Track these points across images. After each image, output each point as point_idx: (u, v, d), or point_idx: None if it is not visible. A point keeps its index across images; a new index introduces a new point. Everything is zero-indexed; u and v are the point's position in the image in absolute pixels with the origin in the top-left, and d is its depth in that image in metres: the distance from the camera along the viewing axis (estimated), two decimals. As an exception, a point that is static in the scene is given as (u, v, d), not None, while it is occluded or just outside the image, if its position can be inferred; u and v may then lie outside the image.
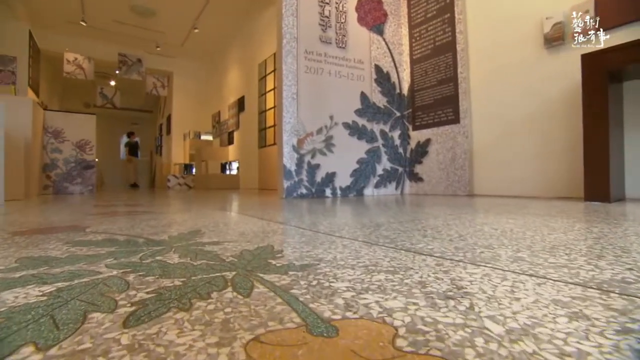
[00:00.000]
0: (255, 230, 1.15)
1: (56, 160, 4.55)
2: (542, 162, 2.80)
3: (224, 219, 1.47)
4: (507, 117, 3.06)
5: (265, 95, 6.75)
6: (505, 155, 3.08)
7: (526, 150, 2.91)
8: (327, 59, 3.50)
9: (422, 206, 2.10)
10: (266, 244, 0.88)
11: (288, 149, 3.14)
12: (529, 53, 2.87)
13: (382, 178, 3.76)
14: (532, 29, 2.85)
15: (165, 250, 0.80)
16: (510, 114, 3.03)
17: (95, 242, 0.92)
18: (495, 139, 3.16)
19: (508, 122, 3.05)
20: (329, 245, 0.87)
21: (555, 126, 2.71)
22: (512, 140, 3.02)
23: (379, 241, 0.93)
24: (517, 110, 2.97)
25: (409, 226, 1.22)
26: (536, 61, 2.82)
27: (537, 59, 2.81)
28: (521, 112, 2.94)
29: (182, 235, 1.04)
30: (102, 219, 1.51)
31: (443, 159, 3.58)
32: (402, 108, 3.98)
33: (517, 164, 2.98)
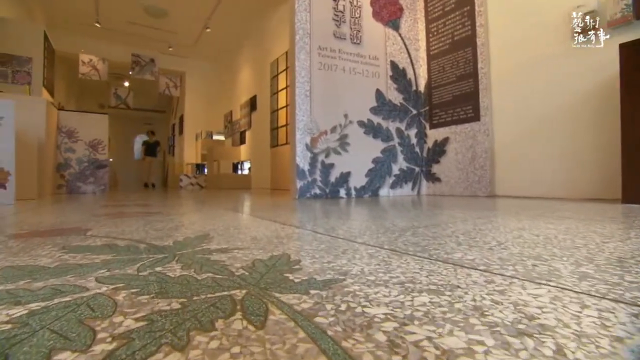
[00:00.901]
0: (268, 235, 1.05)
1: (69, 160, 4.56)
2: (569, 161, 2.63)
3: (235, 222, 1.38)
4: (530, 114, 2.90)
5: (277, 94, 6.67)
6: (528, 155, 2.92)
7: (551, 149, 2.75)
8: (342, 55, 3.39)
9: (444, 208, 1.97)
10: (281, 252, 0.78)
11: (301, 148, 3.04)
12: (556, 46, 2.70)
13: (398, 178, 3.63)
14: (560, 19, 2.68)
15: (167, 260, 0.71)
16: (535, 111, 2.87)
17: (93, 248, 0.83)
18: (517, 138, 3.00)
19: (532, 119, 2.89)
20: (352, 254, 0.77)
21: (584, 123, 2.54)
22: (536, 139, 2.86)
23: (409, 249, 0.82)
24: (542, 107, 2.81)
25: (437, 231, 1.10)
26: (563, 54, 2.65)
27: (564, 51, 2.64)
28: (546, 109, 2.78)
29: (188, 240, 0.95)
30: (107, 220, 1.43)
31: (462, 158, 3.43)
32: (419, 105, 3.84)
33: (542, 164, 2.81)
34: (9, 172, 2.65)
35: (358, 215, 1.64)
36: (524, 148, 2.95)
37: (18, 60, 5.23)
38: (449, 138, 3.57)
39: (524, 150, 2.95)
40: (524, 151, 2.95)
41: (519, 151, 2.98)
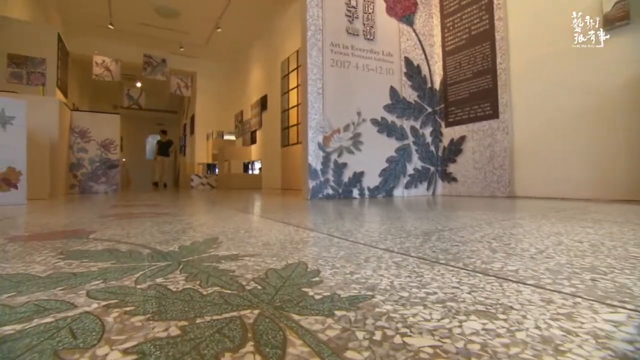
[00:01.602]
0: (282, 239, 0.97)
1: (82, 159, 4.57)
2: (596, 160, 2.49)
3: (246, 224, 1.31)
4: (553, 111, 2.76)
5: (288, 93, 6.61)
6: (551, 153, 2.78)
7: (577, 148, 2.61)
8: (354, 52, 3.30)
9: (464, 209, 1.86)
10: (297, 261, 0.70)
11: (313, 147, 2.96)
12: (582, 38, 2.56)
13: (413, 178, 3.52)
14: (587, 9, 2.54)
15: (170, 268, 0.63)
16: (558, 108, 2.73)
17: (92, 254, 0.77)
18: (539, 136, 2.86)
19: (555, 116, 2.75)
20: (376, 263, 0.68)
21: (613, 120, 2.39)
22: (559, 137, 2.72)
23: (439, 257, 0.73)
24: (567, 103, 2.67)
25: (465, 235, 1.01)
26: (590, 46, 2.51)
27: (591, 43, 2.50)
28: (571, 105, 2.64)
29: (195, 245, 0.87)
30: (113, 222, 1.38)
31: (480, 157, 3.30)
32: (434, 103, 3.72)
33: (566, 163, 2.67)
34: (21, 172, 2.64)
35: (375, 216, 1.55)
36: (547, 146, 2.81)
37: (33, 62, 5.28)
38: (466, 136, 3.45)
39: (547, 149, 2.81)
40: (547, 150, 2.81)
41: (541, 150, 2.84)
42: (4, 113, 2.58)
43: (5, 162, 2.58)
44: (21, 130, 2.66)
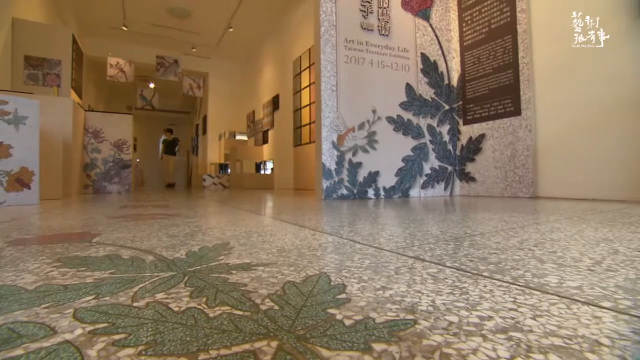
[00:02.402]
0: (298, 244, 0.88)
1: (95, 160, 4.59)
2: (629, 159, 2.34)
3: (258, 227, 1.23)
4: (582, 106, 2.61)
5: (300, 92, 6.54)
6: (579, 152, 2.63)
7: (609, 146, 2.45)
8: (369, 48, 3.20)
9: (489, 211, 1.75)
10: (317, 272, 0.62)
11: (327, 146, 2.88)
12: (615, 27, 2.41)
13: (430, 178, 3.40)
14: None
15: (174, 280, 0.56)
16: (587, 103, 2.57)
17: (91, 261, 0.70)
18: (566, 133, 2.71)
19: (583, 112, 2.60)
20: (409, 276, 0.59)
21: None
22: (588, 134, 2.57)
23: (479, 268, 0.63)
24: (596, 98, 2.52)
25: (500, 241, 0.90)
26: (624, 36, 2.36)
27: (626, 32, 2.35)
28: (602, 100, 2.48)
29: (204, 251, 0.80)
30: (120, 224, 1.32)
31: (500, 156, 3.16)
32: (451, 100, 3.60)
33: (596, 162, 2.52)
34: (34, 172, 2.63)
35: (395, 219, 1.46)
36: (574, 144, 2.66)
37: (49, 63, 5.33)
38: (485, 134, 3.31)
39: (574, 147, 2.66)
40: (574, 148, 2.66)
41: (568, 148, 2.69)
42: (17, 113, 2.57)
43: (19, 162, 2.57)
44: (34, 130, 2.65)
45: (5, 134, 2.52)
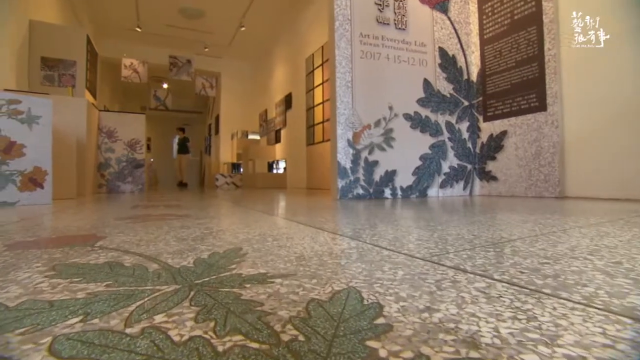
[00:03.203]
0: (318, 250, 0.79)
1: (109, 159, 4.60)
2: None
3: (273, 229, 1.14)
4: (614, 99, 2.44)
5: (313, 90, 6.46)
6: (611, 149, 2.46)
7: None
8: (385, 43, 3.09)
9: (518, 212, 1.63)
10: (345, 285, 0.52)
11: (343, 144, 2.78)
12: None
13: (448, 177, 3.27)
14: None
15: (177, 297, 0.47)
16: (619, 96, 2.41)
17: (88, 270, 0.62)
18: (596, 128, 2.55)
19: (615, 106, 2.44)
20: (455, 292, 0.49)
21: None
22: (621, 129, 2.40)
23: (537, 283, 0.53)
24: (630, 90, 2.35)
25: (546, 248, 0.80)
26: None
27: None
28: (637, 92, 2.32)
29: (214, 258, 0.71)
30: (128, 225, 1.25)
31: (523, 154, 3.01)
32: (471, 96, 3.45)
33: (631, 160, 2.36)
34: (47, 172, 2.61)
35: (419, 220, 1.35)
36: (605, 141, 2.50)
37: (64, 64, 5.38)
38: (507, 131, 3.17)
39: (606, 144, 2.50)
40: (606, 145, 2.50)
41: (599, 145, 2.53)
42: (30, 112, 2.56)
43: (32, 161, 2.55)
44: (47, 130, 2.63)
45: (18, 133, 2.51)
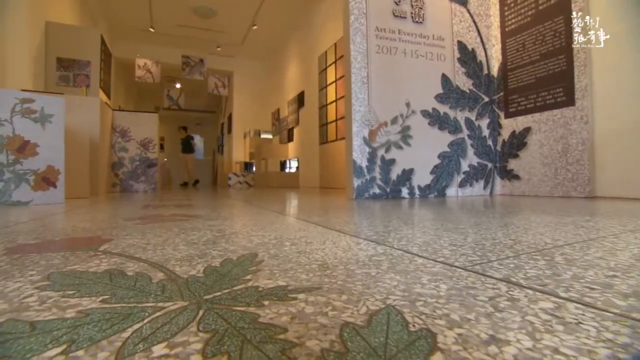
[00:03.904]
0: (342, 257, 0.71)
1: (123, 159, 4.60)
2: None
3: (290, 232, 1.06)
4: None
5: (326, 88, 6.37)
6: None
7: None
8: (402, 37, 2.98)
9: (549, 213, 1.51)
10: (382, 303, 0.44)
11: (359, 142, 2.69)
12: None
13: (468, 176, 3.14)
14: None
15: (183, 318, 0.39)
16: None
17: (85, 280, 0.55)
18: (630, 124, 2.39)
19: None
20: (519, 315, 0.40)
21: None
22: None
23: (618, 304, 0.43)
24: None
25: (603, 256, 0.69)
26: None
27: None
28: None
29: (226, 266, 0.64)
30: (136, 227, 1.19)
31: (549, 151, 2.86)
32: (491, 92, 3.31)
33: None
34: (59, 171, 2.59)
35: (444, 222, 1.25)
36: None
37: (79, 64, 5.42)
38: (531, 128, 3.02)
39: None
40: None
41: (632, 141, 2.38)
42: (43, 111, 2.54)
43: (45, 160, 2.54)
44: (60, 128, 2.61)
45: (32, 132, 2.49)
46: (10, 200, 2.38)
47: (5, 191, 2.38)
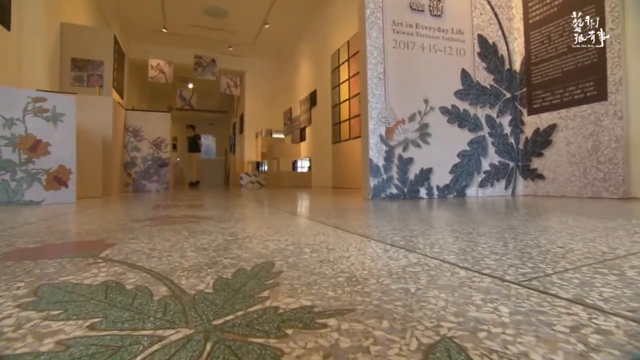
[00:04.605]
0: (372, 267, 0.62)
1: (135, 158, 4.60)
2: None
3: (308, 236, 0.97)
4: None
5: (338, 87, 6.27)
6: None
7: None
8: (419, 31, 2.86)
9: (588, 216, 1.38)
10: (435, 334, 0.34)
11: (375, 140, 2.58)
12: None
13: (489, 175, 3.00)
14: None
15: (187, 352, 0.31)
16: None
17: (77, 295, 0.47)
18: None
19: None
20: (620, 354, 0.30)
21: None
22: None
23: None
24: None
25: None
26: None
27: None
28: None
29: (240, 278, 0.55)
30: (144, 229, 1.12)
31: (577, 149, 2.70)
32: (514, 87, 3.17)
33: None
34: (71, 170, 2.57)
35: (477, 226, 1.15)
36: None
37: (92, 64, 5.45)
38: (557, 125, 2.86)
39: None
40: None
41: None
42: (55, 110, 2.52)
43: (57, 160, 2.51)
44: (71, 127, 2.58)
45: (44, 131, 2.47)
46: (23, 200, 2.36)
47: (18, 191, 2.36)
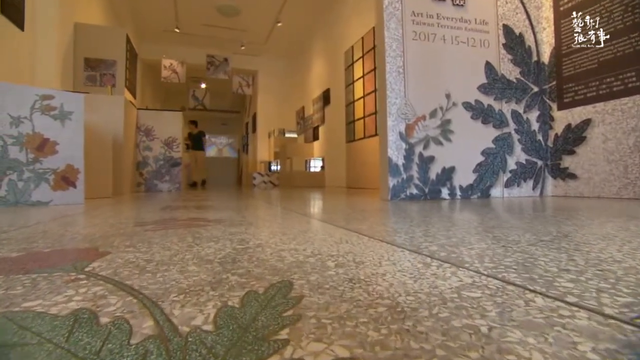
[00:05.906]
0: (417, 291, 0.48)
1: (147, 158, 4.55)
2: None
3: (330, 245, 0.84)
4: None
5: (352, 84, 6.12)
6: None
7: None
8: (441, 22, 2.70)
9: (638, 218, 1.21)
10: None
11: (394, 138, 2.43)
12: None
13: (515, 174, 2.82)
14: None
15: None
16: None
17: (29, 336, 0.35)
18: None
19: None
20: None
21: None
22: None
23: None
24: None
25: None
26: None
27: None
28: None
29: (250, 307, 0.42)
30: (145, 234, 1.00)
31: (616, 147, 2.50)
32: (542, 81, 2.97)
33: None
34: (79, 170, 2.50)
35: (519, 232, 0.99)
36: None
37: (105, 64, 5.44)
38: (592, 120, 2.66)
39: None
40: None
41: None
42: (63, 108, 2.45)
43: (64, 159, 2.45)
44: (79, 125, 2.52)
45: (51, 130, 2.40)
46: (30, 201, 2.30)
47: (25, 191, 2.29)
